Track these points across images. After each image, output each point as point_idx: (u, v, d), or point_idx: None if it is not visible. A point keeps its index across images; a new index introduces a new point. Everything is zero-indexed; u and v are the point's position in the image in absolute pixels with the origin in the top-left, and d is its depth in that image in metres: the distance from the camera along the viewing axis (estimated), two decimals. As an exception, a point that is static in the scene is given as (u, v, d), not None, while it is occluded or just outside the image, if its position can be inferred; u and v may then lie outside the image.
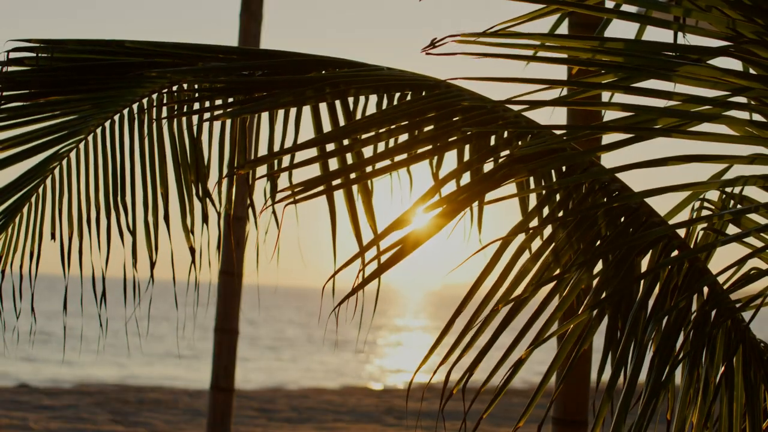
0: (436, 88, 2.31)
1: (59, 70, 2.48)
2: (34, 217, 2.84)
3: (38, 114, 2.57)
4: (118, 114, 2.73)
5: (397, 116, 2.20)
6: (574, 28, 3.28)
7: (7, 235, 2.83)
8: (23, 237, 2.85)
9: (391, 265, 2.04)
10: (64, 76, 2.49)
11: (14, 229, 2.84)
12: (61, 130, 2.67)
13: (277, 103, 2.30)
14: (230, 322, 6.44)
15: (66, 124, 2.66)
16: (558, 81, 2.10)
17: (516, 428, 2.09)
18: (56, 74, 2.48)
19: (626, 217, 2.22)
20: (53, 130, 2.65)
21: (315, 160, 2.20)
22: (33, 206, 2.84)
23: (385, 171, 2.16)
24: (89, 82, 2.51)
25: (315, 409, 13.50)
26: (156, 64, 2.45)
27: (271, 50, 2.43)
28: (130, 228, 2.77)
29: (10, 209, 2.78)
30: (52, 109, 2.57)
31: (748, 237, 2.25)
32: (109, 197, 2.79)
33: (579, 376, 3.29)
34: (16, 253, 2.85)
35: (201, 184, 2.73)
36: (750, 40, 2.01)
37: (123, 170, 2.78)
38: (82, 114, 2.65)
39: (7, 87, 2.47)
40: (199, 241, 2.76)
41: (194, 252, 2.75)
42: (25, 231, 2.85)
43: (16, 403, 12.37)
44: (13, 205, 2.79)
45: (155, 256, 2.77)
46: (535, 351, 2.05)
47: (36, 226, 2.84)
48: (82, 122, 2.69)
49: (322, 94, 2.33)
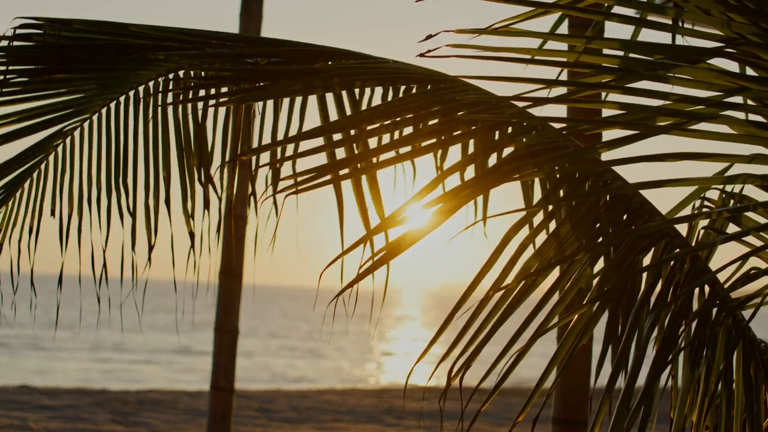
0: (442, 82, 2.31)
1: (66, 47, 2.48)
2: (35, 193, 2.85)
3: (44, 90, 2.57)
4: (123, 96, 2.74)
5: (402, 109, 2.19)
6: (573, 29, 3.28)
7: (8, 209, 2.84)
8: (23, 212, 2.85)
9: (389, 260, 2.02)
10: (71, 54, 2.49)
11: (14, 204, 2.84)
12: (66, 108, 2.67)
13: (284, 91, 2.29)
14: (230, 322, 6.43)
15: (71, 102, 2.66)
16: (557, 81, 2.10)
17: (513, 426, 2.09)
18: (63, 52, 2.48)
19: (628, 216, 2.23)
20: (58, 107, 2.66)
21: (319, 150, 2.19)
22: (34, 182, 2.84)
23: (390, 163, 2.15)
24: (96, 61, 2.51)
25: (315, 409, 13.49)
26: (163, 47, 2.45)
27: (278, 39, 2.43)
28: (130, 210, 2.77)
29: (12, 183, 2.79)
30: (57, 87, 2.57)
31: (747, 236, 2.25)
32: (110, 178, 2.79)
33: (579, 376, 3.29)
34: (15, 228, 2.85)
35: (204, 169, 2.74)
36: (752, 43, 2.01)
37: (126, 152, 2.79)
38: (87, 93, 2.65)
39: (14, 62, 2.47)
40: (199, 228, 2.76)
41: (194, 236, 2.75)
42: (25, 206, 2.85)
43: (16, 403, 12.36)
44: (15, 179, 2.79)
45: (154, 239, 2.77)
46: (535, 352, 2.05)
47: (36, 202, 2.85)
48: (88, 102, 2.69)
49: (329, 84, 2.32)
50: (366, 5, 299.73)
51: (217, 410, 6.40)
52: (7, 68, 2.46)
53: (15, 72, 2.49)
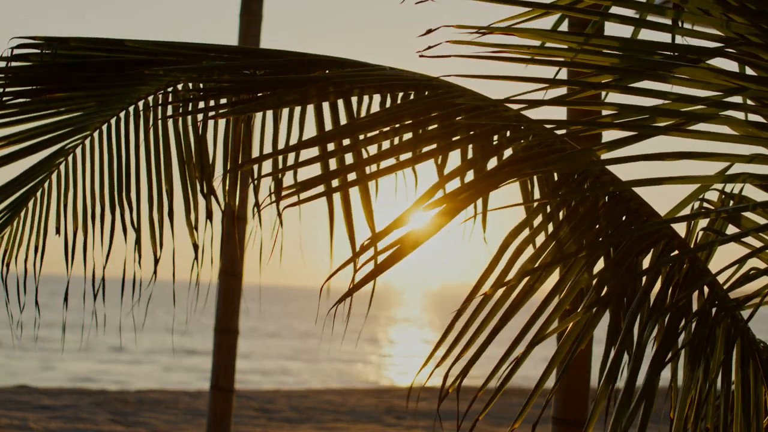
0: (439, 88, 2.32)
1: (64, 66, 2.48)
2: (39, 212, 2.86)
3: (43, 110, 2.58)
4: (123, 111, 2.75)
5: (401, 115, 2.20)
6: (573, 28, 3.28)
7: (12, 229, 2.84)
8: (28, 231, 2.86)
9: (391, 265, 2.04)
10: (69, 73, 2.50)
11: (19, 224, 2.85)
12: (67, 126, 2.68)
13: (282, 101, 2.31)
14: (230, 322, 6.44)
15: (71, 121, 2.67)
16: (555, 81, 2.10)
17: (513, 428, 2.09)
18: (61, 71, 2.49)
19: (627, 217, 2.23)
20: (59, 126, 2.67)
21: (318, 159, 2.21)
22: (38, 201, 2.85)
23: (391, 171, 2.16)
24: (95, 78, 2.52)
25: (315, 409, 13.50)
26: (161, 62, 2.46)
27: (274, 50, 2.44)
28: (135, 224, 2.78)
29: (16, 203, 2.80)
30: (57, 106, 2.58)
31: (747, 237, 2.26)
32: (114, 193, 2.80)
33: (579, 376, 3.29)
34: (20, 248, 2.86)
35: (206, 181, 2.75)
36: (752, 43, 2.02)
37: (128, 167, 2.80)
38: (87, 111, 2.67)
39: (12, 83, 2.48)
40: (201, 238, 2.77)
41: (197, 248, 2.76)
42: (30, 226, 2.86)
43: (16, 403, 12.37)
44: (19, 199, 2.80)
45: (159, 253, 2.78)
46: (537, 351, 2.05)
47: (41, 220, 2.86)
48: (88, 119, 2.70)
49: (325, 93, 2.33)
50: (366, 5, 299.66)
51: (217, 410, 6.41)
52: (4, 90, 2.46)
53: (13, 93, 2.49)
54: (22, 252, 2.87)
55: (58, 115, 2.62)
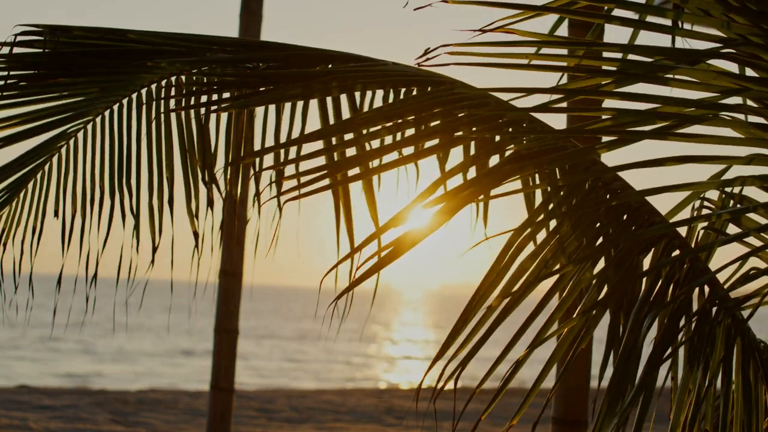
0: (441, 84, 2.32)
1: (68, 54, 2.49)
2: (38, 194, 2.86)
3: (46, 94, 2.59)
4: (126, 98, 2.76)
5: (404, 111, 2.20)
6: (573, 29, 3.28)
7: (11, 209, 2.85)
8: (26, 213, 2.87)
9: (392, 260, 2.03)
10: (72, 59, 2.50)
11: (18, 204, 2.85)
12: (69, 110, 2.69)
13: (284, 95, 2.30)
14: (230, 322, 6.43)
15: (74, 105, 2.68)
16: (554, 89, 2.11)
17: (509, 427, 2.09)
18: (64, 57, 2.49)
19: (628, 216, 2.23)
20: (61, 110, 2.67)
21: (321, 153, 2.20)
22: (38, 183, 2.86)
23: (393, 166, 2.15)
24: (98, 66, 2.53)
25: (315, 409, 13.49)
26: (164, 52, 2.47)
27: (277, 43, 2.44)
28: (134, 211, 2.78)
29: (16, 184, 2.80)
30: (59, 90, 2.59)
31: (747, 237, 2.26)
32: (114, 179, 2.81)
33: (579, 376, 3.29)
34: (18, 229, 2.86)
35: (207, 170, 2.75)
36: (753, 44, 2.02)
37: (129, 153, 2.80)
38: (90, 96, 2.67)
39: (16, 67, 2.48)
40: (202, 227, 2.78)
41: (197, 236, 2.77)
42: (29, 207, 2.87)
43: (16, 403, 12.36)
44: (19, 180, 2.80)
45: (158, 240, 2.78)
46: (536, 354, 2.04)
47: (40, 202, 2.86)
48: (90, 104, 2.71)
49: (328, 88, 2.33)
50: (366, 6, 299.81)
51: (217, 410, 6.40)
52: (8, 73, 2.47)
53: (16, 77, 2.50)
54: (19, 233, 2.87)
55: (60, 99, 2.62)
